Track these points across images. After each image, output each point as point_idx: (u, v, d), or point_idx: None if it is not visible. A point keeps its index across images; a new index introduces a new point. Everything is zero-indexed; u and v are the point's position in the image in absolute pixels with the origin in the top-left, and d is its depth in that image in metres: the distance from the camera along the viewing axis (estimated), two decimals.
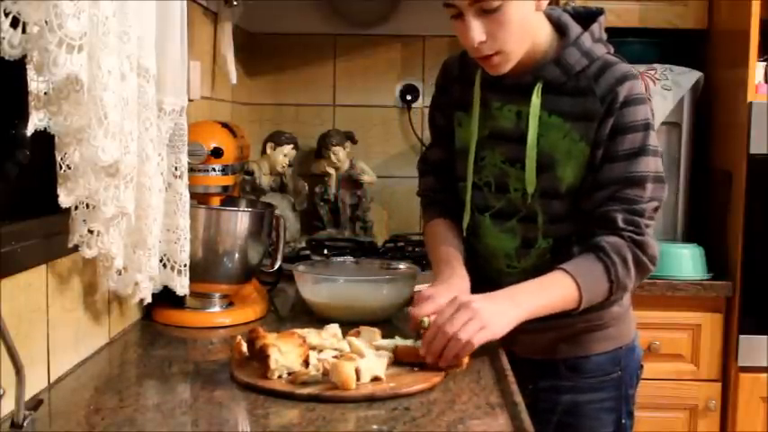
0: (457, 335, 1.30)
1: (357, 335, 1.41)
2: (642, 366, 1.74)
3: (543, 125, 1.51)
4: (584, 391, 1.63)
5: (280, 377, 1.24)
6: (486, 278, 1.61)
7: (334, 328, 1.41)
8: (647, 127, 1.48)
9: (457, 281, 1.50)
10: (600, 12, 1.56)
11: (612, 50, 1.55)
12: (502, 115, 1.56)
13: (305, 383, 1.21)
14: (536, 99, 1.50)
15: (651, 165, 1.48)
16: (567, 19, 1.53)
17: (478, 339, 1.32)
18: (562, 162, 1.51)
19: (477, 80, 1.58)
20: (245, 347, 1.32)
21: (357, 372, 1.21)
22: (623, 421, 1.66)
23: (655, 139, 1.50)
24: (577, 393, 1.63)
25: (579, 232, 1.53)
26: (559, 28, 1.53)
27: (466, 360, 1.31)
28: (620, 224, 1.47)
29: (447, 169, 1.69)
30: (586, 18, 1.55)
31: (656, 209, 1.50)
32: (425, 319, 1.36)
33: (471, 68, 1.59)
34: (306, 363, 1.27)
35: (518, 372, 1.43)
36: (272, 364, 1.23)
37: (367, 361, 1.25)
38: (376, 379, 1.24)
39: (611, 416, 1.65)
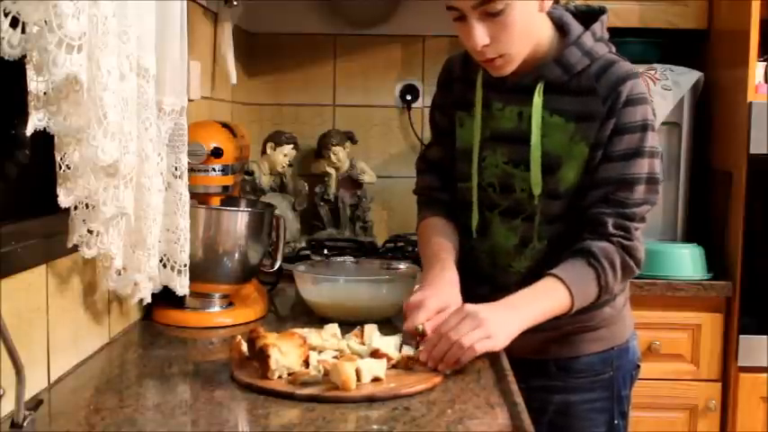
0: (460, 341, 1.30)
1: (360, 335, 1.40)
2: (639, 367, 1.73)
3: (545, 125, 1.51)
4: (576, 392, 1.64)
5: (280, 377, 1.24)
6: (487, 276, 1.62)
7: (334, 328, 1.41)
8: (644, 128, 1.48)
9: (445, 284, 1.48)
10: (602, 11, 1.56)
11: (614, 50, 1.55)
12: (503, 116, 1.56)
13: (305, 384, 1.21)
14: (538, 99, 1.50)
15: (645, 166, 1.48)
16: (568, 18, 1.53)
17: (481, 347, 1.32)
18: (565, 163, 1.51)
19: (479, 80, 1.58)
20: (244, 347, 1.31)
21: (357, 372, 1.20)
22: (616, 422, 1.66)
23: (653, 140, 1.50)
24: (569, 393, 1.64)
25: (571, 233, 1.52)
26: (561, 27, 1.53)
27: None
28: (611, 229, 1.47)
29: (447, 168, 1.69)
30: (588, 17, 1.55)
31: (648, 211, 1.51)
32: (420, 327, 1.37)
33: (473, 68, 1.59)
34: (306, 363, 1.27)
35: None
36: (273, 365, 1.23)
37: (367, 361, 1.25)
38: (376, 379, 1.24)
39: (603, 416, 1.65)
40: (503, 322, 1.36)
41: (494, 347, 1.35)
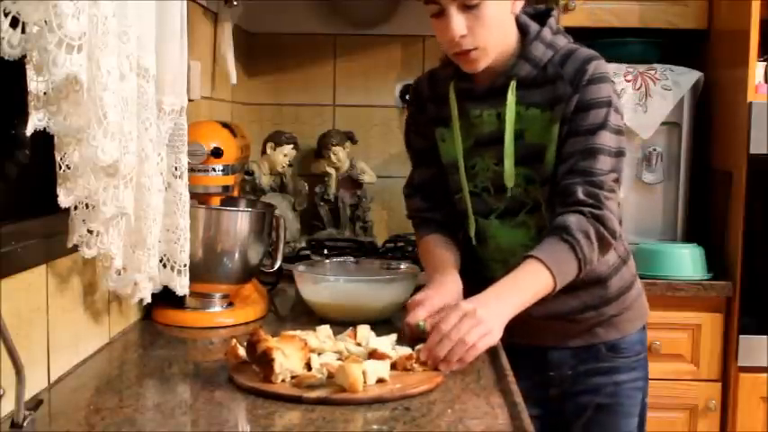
0: (463, 339, 1.31)
1: (353, 335, 1.40)
2: None
3: (524, 120, 1.56)
4: (622, 371, 1.71)
5: (283, 381, 1.23)
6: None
7: (327, 330, 1.40)
8: (609, 104, 1.53)
9: (449, 283, 1.53)
10: (549, 10, 1.63)
11: (572, 40, 1.61)
12: (483, 121, 1.61)
13: (311, 387, 1.21)
14: (511, 96, 1.56)
15: (609, 140, 1.52)
16: (525, 18, 1.61)
17: (483, 345, 1.34)
18: (548, 148, 1.56)
19: (452, 93, 1.63)
20: (241, 351, 1.30)
21: (363, 374, 1.20)
22: (645, 400, 1.75)
23: (617, 119, 1.54)
24: (616, 374, 1.70)
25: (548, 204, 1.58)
26: (520, 28, 1.60)
27: None
28: (581, 196, 1.50)
29: (433, 188, 1.74)
30: (540, 17, 1.62)
31: (615, 180, 1.54)
32: (421, 323, 1.39)
33: (442, 84, 1.66)
34: (308, 365, 1.27)
35: (553, 360, 1.66)
36: (277, 368, 1.22)
37: (372, 363, 1.25)
38: (381, 380, 1.23)
39: (639, 394, 1.74)
40: (497, 315, 1.39)
41: (493, 342, 1.36)
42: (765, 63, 2.43)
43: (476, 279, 1.63)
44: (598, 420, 1.71)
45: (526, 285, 1.46)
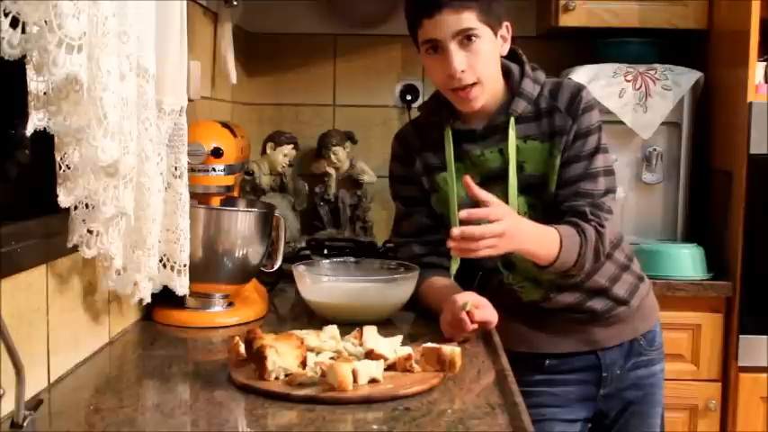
0: (488, 245, 1.45)
1: (359, 336, 1.40)
2: None
3: (524, 152, 1.65)
4: (656, 362, 1.84)
5: (277, 378, 1.24)
6: (526, 302, 1.76)
7: (333, 330, 1.41)
8: (600, 128, 1.67)
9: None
10: (515, 49, 1.70)
11: (544, 72, 1.71)
12: (486, 160, 1.68)
13: (302, 385, 1.21)
14: (512, 132, 1.64)
15: (603, 161, 1.66)
16: (502, 60, 1.68)
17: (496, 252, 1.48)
18: (549, 177, 1.65)
19: (449, 137, 1.68)
20: (242, 348, 1.31)
21: (354, 373, 1.20)
22: (663, 391, 1.88)
23: (604, 138, 1.68)
24: (652, 365, 1.83)
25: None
26: (501, 69, 1.68)
27: (459, 364, 1.32)
28: (589, 216, 1.63)
29: (430, 233, 1.76)
30: (511, 56, 1.70)
31: (612, 200, 1.68)
32: (468, 303, 1.47)
33: (433, 132, 1.72)
34: (303, 364, 1.27)
35: (606, 361, 1.76)
36: (269, 365, 1.23)
37: (365, 363, 1.25)
38: (374, 381, 1.24)
39: (663, 383, 1.87)
40: (512, 242, 1.50)
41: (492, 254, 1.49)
42: (765, 63, 2.43)
43: (508, 305, 1.68)
44: (636, 412, 1.82)
45: (539, 243, 1.56)
